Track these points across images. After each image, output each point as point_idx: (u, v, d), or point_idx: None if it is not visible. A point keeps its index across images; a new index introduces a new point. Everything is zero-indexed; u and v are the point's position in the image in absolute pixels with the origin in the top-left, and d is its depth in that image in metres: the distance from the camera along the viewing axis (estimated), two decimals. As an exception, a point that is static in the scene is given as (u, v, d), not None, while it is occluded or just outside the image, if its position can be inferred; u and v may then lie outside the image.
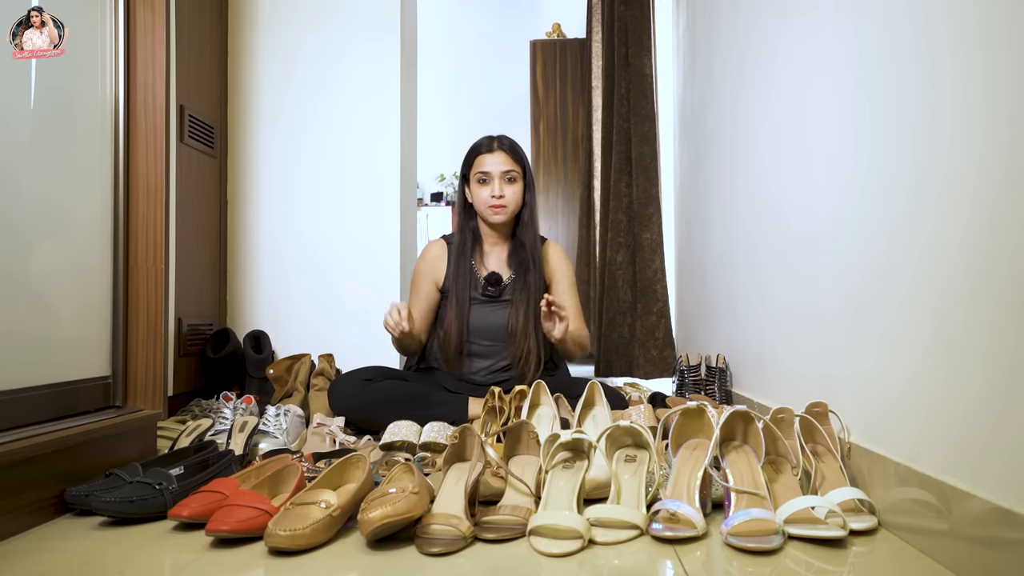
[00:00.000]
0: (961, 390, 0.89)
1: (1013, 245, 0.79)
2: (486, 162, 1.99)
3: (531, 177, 2.05)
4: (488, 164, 1.98)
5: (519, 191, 2.00)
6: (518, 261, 2.04)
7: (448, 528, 1.01)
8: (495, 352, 2.05)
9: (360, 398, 1.86)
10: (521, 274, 2.02)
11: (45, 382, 1.26)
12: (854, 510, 1.09)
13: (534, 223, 2.05)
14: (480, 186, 1.99)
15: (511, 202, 1.99)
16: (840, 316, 1.28)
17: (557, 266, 2.10)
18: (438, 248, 2.11)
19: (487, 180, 1.98)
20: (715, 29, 2.39)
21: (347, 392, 1.89)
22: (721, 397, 2.10)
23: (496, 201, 1.97)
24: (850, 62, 1.26)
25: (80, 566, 0.96)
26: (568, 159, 4.33)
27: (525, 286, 2.00)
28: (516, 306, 2.00)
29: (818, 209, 1.41)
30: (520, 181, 2.01)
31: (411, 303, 2.07)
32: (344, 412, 1.85)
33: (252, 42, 2.62)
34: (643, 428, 1.19)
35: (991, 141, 0.84)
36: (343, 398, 1.88)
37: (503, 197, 1.97)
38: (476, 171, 2.00)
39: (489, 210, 1.99)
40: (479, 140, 2.04)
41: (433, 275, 2.08)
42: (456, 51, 5.78)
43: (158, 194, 1.48)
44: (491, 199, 1.97)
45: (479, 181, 1.99)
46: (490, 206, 1.98)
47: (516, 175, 1.99)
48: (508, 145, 2.02)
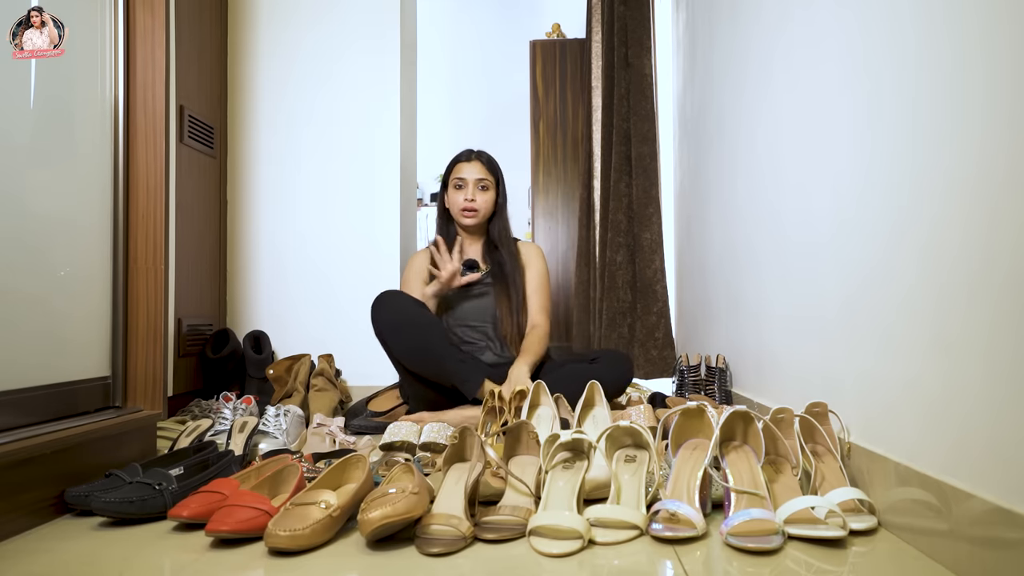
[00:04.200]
0: (961, 390, 0.89)
1: (1013, 245, 0.79)
2: (463, 169, 2.20)
3: (503, 189, 2.26)
4: (465, 171, 2.19)
5: (490, 199, 2.21)
6: (494, 258, 2.22)
7: (448, 528, 1.01)
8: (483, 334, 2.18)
9: (415, 315, 1.98)
10: (496, 263, 2.21)
11: (45, 382, 1.26)
12: (854, 510, 1.09)
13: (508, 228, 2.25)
14: (456, 191, 2.20)
15: (482, 207, 2.19)
16: (840, 316, 1.28)
17: (528, 259, 2.25)
18: (423, 257, 2.25)
19: (462, 185, 2.18)
20: (715, 29, 2.39)
21: (404, 305, 2.00)
22: (721, 397, 2.10)
23: (468, 204, 2.17)
24: (850, 61, 1.26)
25: (80, 566, 0.96)
26: (568, 159, 4.32)
27: (503, 275, 2.19)
28: (497, 291, 2.18)
29: (818, 209, 1.41)
30: (492, 190, 2.21)
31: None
32: (394, 324, 1.95)
33: (252, 42, 2.62)
34: (643, 428, 1.19)
35: (991, 142, 0.84)
36: (398, 309, 1.98)
37: (475, 201, 2.17)
38: (454, 176, 2.21)
39: (461, 213, 2.18)
40: (460, 152, 2.25)
41: (422, 277, 2.20)
42: (456, 51, 5.77)
43: (158, 194, 1.48)
44: (464, 202, 2.17)
45: (455, 186, 2.20)
46: (462, 209, 2.18)
47: (489, 184, 2.20)
48: (486, 159, 2.24)
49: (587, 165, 3.60)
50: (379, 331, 2.00)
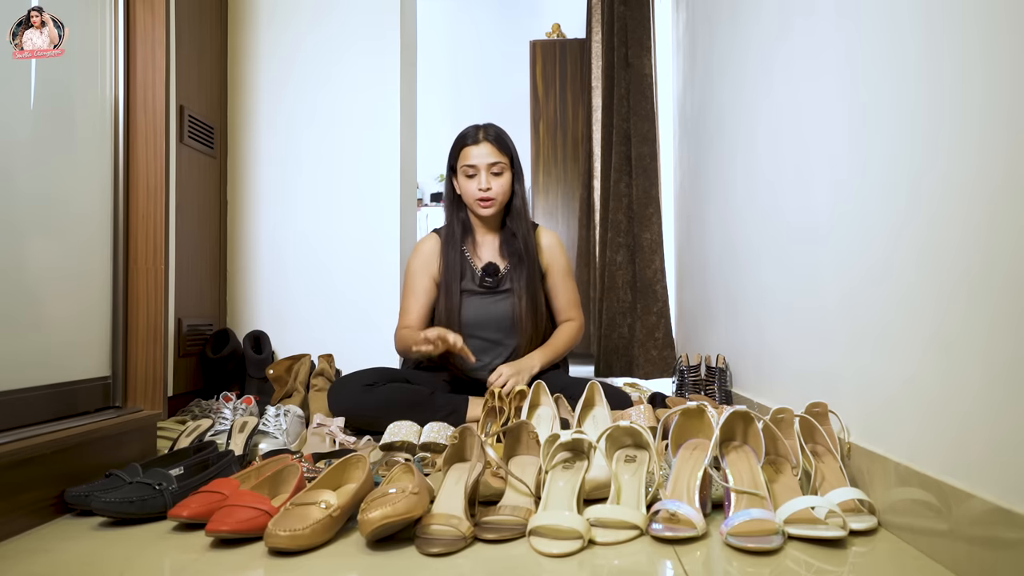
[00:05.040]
0: (960, 389, 0.89)
1: (1012, 244, 0.79)
2: (472, 154, 1.97)
3: (519, 166, 2.03)
4: (474, 156, 1.97)
5: (506, 182, 1.99)
6: (512, 251, 2.03)
7: (448, 528, 1.01)
8: (499, 344, 2.04)
9: (361, 404, 1.85)
10: (516, 264, 2.02)
11: (45, 382, 1.26)
12: (854, 510, 1.09)
13: (525, 211, 2.05)
14: (467, 180, 1.98)
15: (499, 195, 1.98)
16: (840, 316, 1.28)
17: (552, 257, 2.10)
18: (431, 242, 2.08)
19: (474, 173, 1.97)
20: (715, 29, 2.39)
21: (348, 397, 1.88)
22: (721, 397, 2.10)
23: (484, 194, 1.96)
24: (849, 60, 1.26)
25: (80, 567, 0.96)
26: (568, 159, 4.33)
27: (523, 276, 2.01)
28: (518, 296, 2.00)
29: (817, 209, 1.41)
30: (507, 172, 1.99)
31: (407, 302, 2.05)
32: (345, 416, 1.85)
33: (252, 42, 2.62)
34: (643, 428, 1.19)
35: (990, 141, 0.84)
36: (344, 402, 1.87)
37: (490, 190, 1.96)
38: (462, 163, 1.98)
39: (477, 204, 1.98)
40: (465, 130, 2.03)
41: (430, 271, 2.06)
42: (456, 51, 5.77)
43: (158, 194, 1.48)
44: (479, 192, 1.96)
45: (466, 175, 1.98)
46: (478, 200, 1.97)
47: (503, 166, 1.98)
48: (494, 135, 2.00)
49: (587, 165, 3.60)
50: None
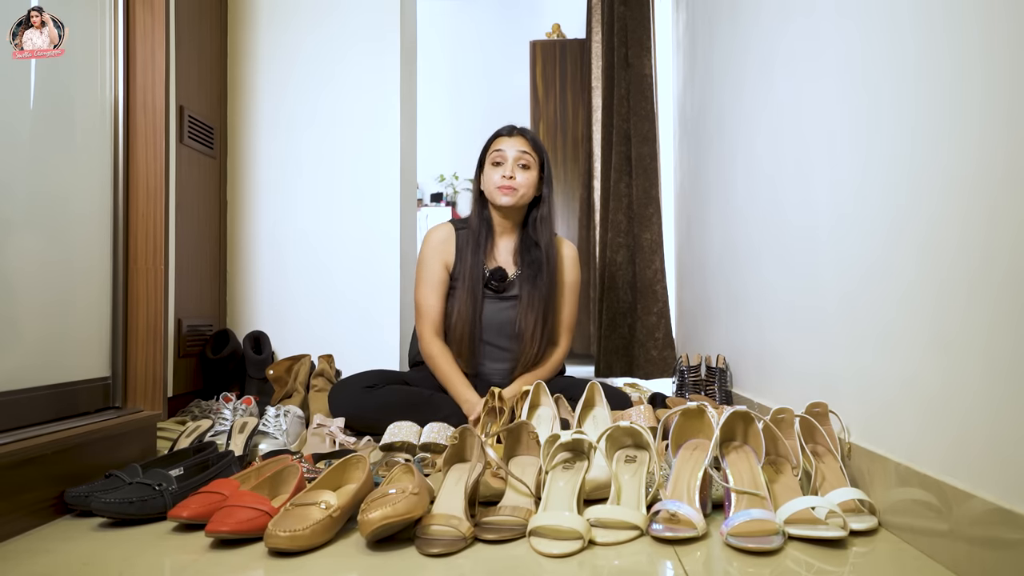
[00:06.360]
0: (960, 388, 0.89)
1: (1012, 243, 0.79)
2: (503, 142, 1.96)
3: (549, 172, 2.00)
4: (504, 145, 1.95)
5: (532, 178, 1.95)
6: (529, 259, 1.98)
7: (448, 529, 1.01)
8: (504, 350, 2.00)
9: (361, 406, 1.86)
10: (530, 275, 1.96)
11: (45, 383, 1.26)
12: (854, 510, 1.09)
13: (551, 221, 1.99)
14: (493, 168, 1.95)
15: (521, 186, 1.93)
16: (840, 316, 1.28)
17: (568, 271, 2.06)
18: (443, 231, 2.04)
19: (501, 161, 1.94)
20: (715, 29, 2.39)
21: (348, 399, 1.88)
22: (721, 397, 2.10)
23: (506, 182, 1.92)
24: (849, 60, 1.26)
25: (80, 567, 0.96)
26: (568, 159, 4.33)
27: (535, 288, 1.95)
28: (527, 306, 1.95)
29: (818, 209, 1.41)
30: (535, 170, 1.96)
31: (423, 294, 1.99)
32: (345, 418, 1.85)
33: (252, 43, 2.62)
34: (643, 429, 1.19)
35: (990, 139, 0.84)
36: (344, 405, 1.87)
37: (514, 179, 1.92)
38: (492, 150, 1.96)
39: (497, 191, 1.93)
40: (501, 127, 2.03)
41: (442, 258, 2.00)
42: (456, 51, 5.78)
43: (158, 194, 1.48)
44: (501, 180, 1.92)
45: (493, 163, 1.95)
46: (499, 187, 1.92)
47: (531, 162, 1.94)
48: (531, 135, 2.00)
49: (587, 165, 3.60)
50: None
